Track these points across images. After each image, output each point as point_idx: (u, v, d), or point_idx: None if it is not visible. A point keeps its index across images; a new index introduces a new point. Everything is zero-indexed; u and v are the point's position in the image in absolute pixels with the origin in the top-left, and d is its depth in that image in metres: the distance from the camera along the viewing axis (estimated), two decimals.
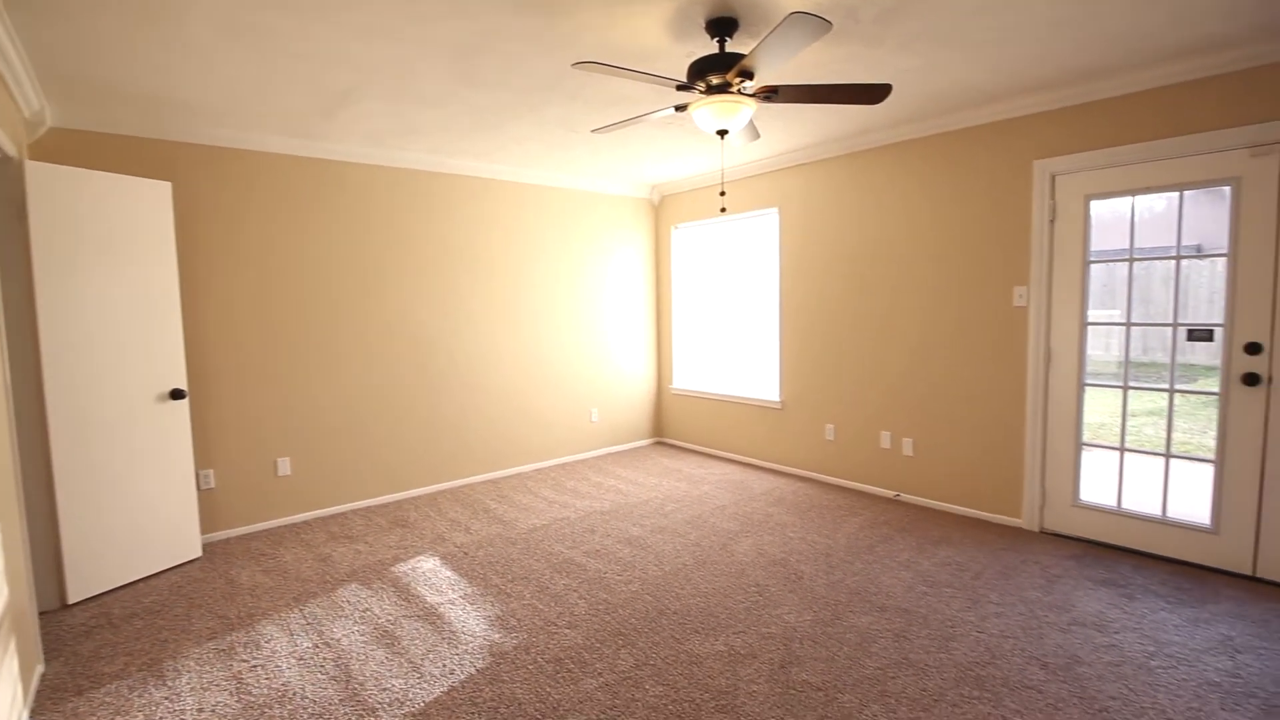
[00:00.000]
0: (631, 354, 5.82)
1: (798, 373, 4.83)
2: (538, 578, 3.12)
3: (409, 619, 2.74)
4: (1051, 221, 3.44)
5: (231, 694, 2.24)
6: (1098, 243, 3.38)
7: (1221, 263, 2.97)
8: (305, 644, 2.56)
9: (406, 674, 2.34)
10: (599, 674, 2.30)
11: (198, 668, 2.41)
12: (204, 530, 3.70)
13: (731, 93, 2.56)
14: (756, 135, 3.20)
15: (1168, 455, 3.20)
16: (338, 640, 2.58)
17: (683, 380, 5.91)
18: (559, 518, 3.98)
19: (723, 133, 2.72)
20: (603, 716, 2.06)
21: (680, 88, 2.52)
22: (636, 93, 3.17)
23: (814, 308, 4.67)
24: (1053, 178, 3.42)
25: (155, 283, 3.22)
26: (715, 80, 2.51)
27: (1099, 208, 3.33)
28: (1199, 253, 3.34)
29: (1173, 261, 3.16)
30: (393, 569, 3.27)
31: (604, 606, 2.81)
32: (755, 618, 2.68)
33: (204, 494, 3.70)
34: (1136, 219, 3.25)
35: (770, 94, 2.59)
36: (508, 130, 3.79)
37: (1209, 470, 3.04)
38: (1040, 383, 3.52)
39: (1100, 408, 3.72)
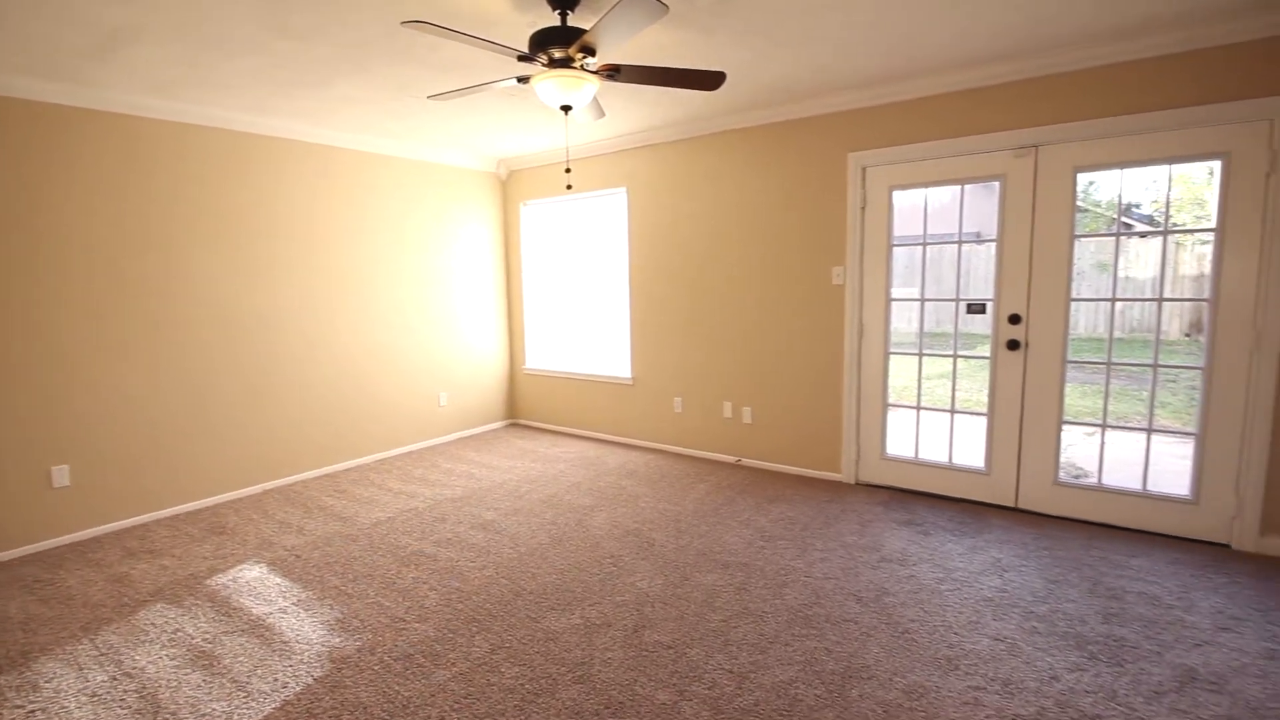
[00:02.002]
0: (482, 334, 5.64)
1: (648, 349, 4.98)
2: (383, 574, 2.95)
3: (231, 635, 2.47)
4: (863, 209, 3.84)
5: None
6: (900, 229, 3.84)
7: (993, 246, 3.51)
8: (100, 678, 2.20)
9: (230, 695, 2.11)
10: (452, 664, 2.24)
11: None
12: None
13: (574, 68, 2.54)
14: (602, 113, 3.21)
15: (953, 411, 3.77)
16: (141, 669, 2.25)
17: (536, 360, 5.84)
18: (406, 509, 3.79)
19: (566, 108, 2.69)
20: (457, 706, 2.02)
21: (521, 58, 2.45)
22: (477, 60, 3.03)
23: (662, 286, 4.83)
24: (863, 169, 3.81)
25: None
26: (557, 54, 2.47)
27: (900, 197, 3.78)
28: (978, 239, 3.92)
29: (956, 246, 3.68)
30: (208, 582, 2.91)
31: (457, 595, 2.74)
32: (610, 588, 2.76)
33: None
34: (929, 208, 3.73)
35: (613, 72, 2.61)
36: (336, 89, 3.44)
37: (984, 422, 3.63)
38: (855, 353, 3.95)
39: (902, 373, 4.27)
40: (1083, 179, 3.29)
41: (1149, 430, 3.30)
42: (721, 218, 4.44)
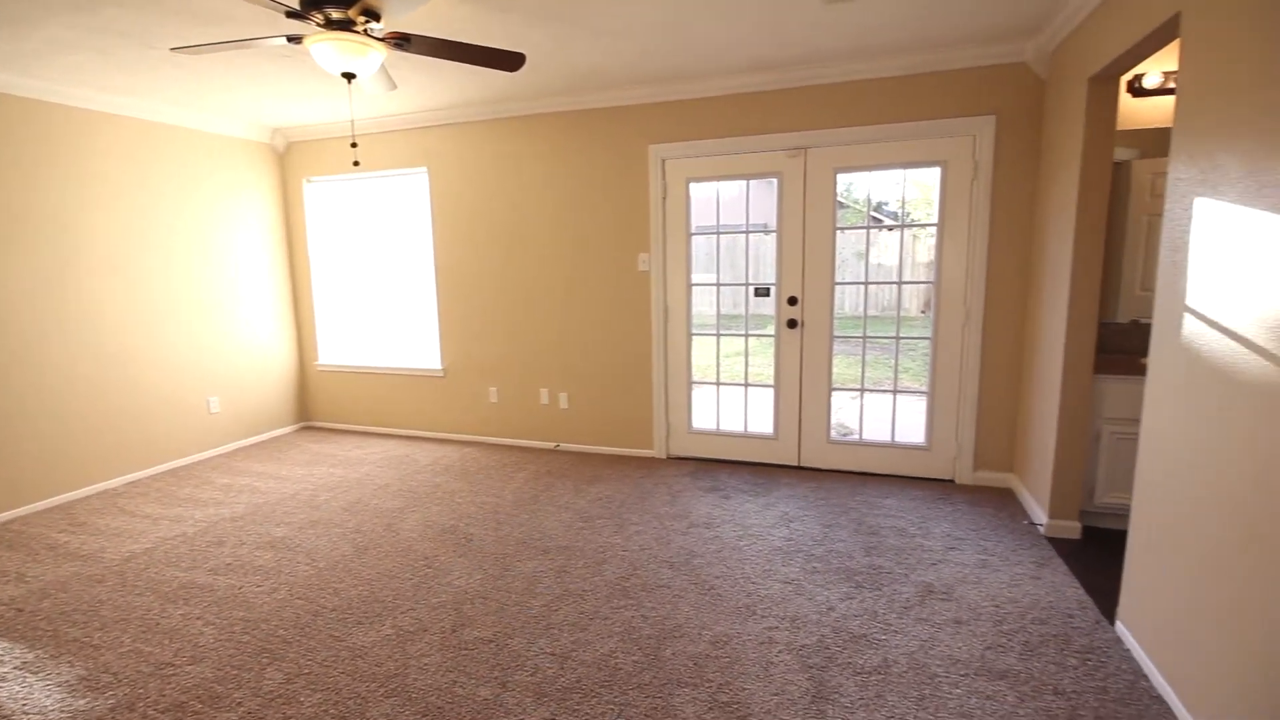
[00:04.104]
0: (261, 328, 4.96)
1: (458, 338, 4.78)
2: (142, 615, 2.50)
3: None
4: (664, 199, 4.05)
5: None
6: (699, 219, 4.12)
7: (775, 236, 3.92)
8: None
9: None
10: (238, 704, 1.97)
11: None
12: None
13: (356, 32, 2.32)
14: (394, 85, 2.98)
15: (746, 385, 4.16)
16: None
17: (331, 355, 5.30)
18: (171, 536, 3.23)
19: (349, 76, 2.45)
20: None
21: (292, 15, 2.17)
22: (237, 11, 2.62)
23: (470, 272, 4.65)
24: (663, 161, 4.01)
25: None
26: (335, 15, 2.24)
27: (696, 189, 4.05)
28: (765, 229, 4.35)
29: (744, 235, 4.05)
30: None
31: (242, 626, 2.41)
32: (425, 591, 2.63)
33: None
34: (722, 200, 4.04)
35: (402, 41, 2.43)
36: (44, 30, 2.75)
37: (771, 393, 4.06)
38: (662, 335, 4.18)
39: (704, 352, 4.61)
40: (842, 179, 3.79)
41: (894, 392, 3.96)
42: (530, 203, 4.39)
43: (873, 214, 4.31)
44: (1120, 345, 3.20)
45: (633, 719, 1.87)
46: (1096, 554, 2.80)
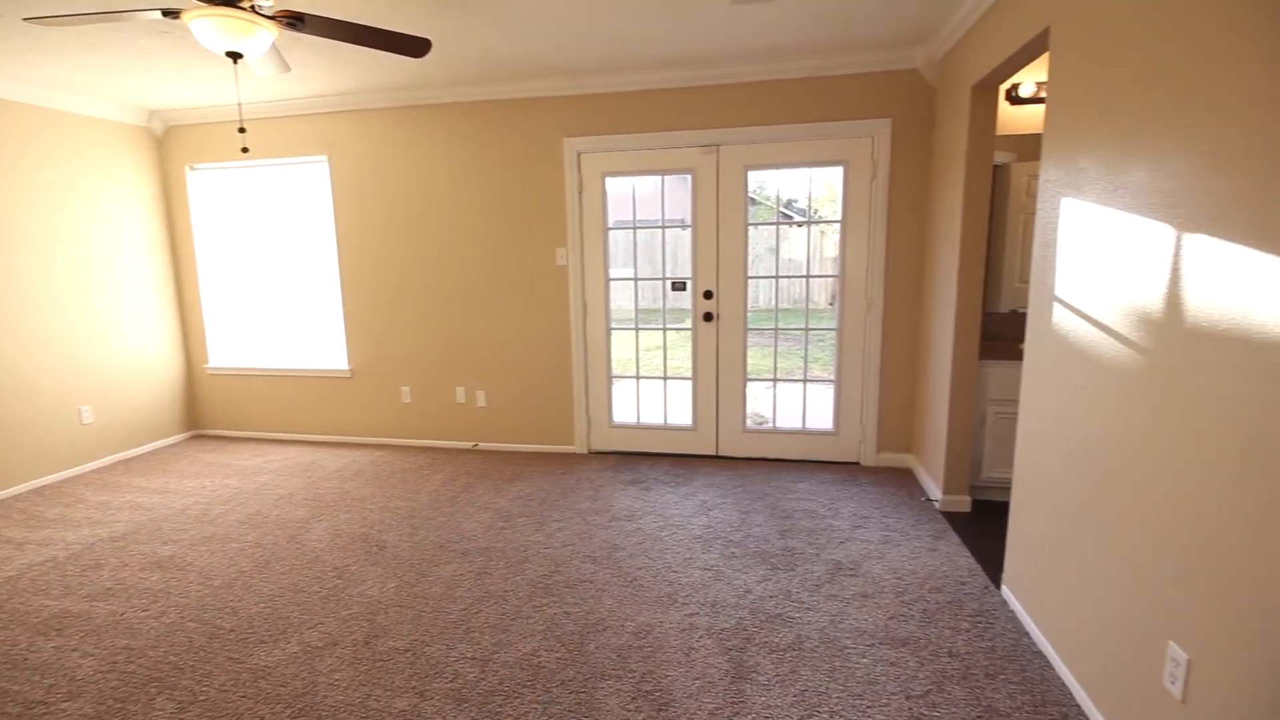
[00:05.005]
0: (139, 330, 4.53)
1: (366, 336, 4.56)
2: (6, 652, 2.23)
3: None
4: (580, 194, 4.02)
5: None
6: (616, 213, 4.12)
7: (690, 231, 3.99)
8: None
9: None
10: None
11: None
12: None
13: (242, 8, 2.16)
14: (287, 68, 2.79)
15: (665, 378, 4.22)
16: None
17: (224, 357, 4.92)
18: (38, 562, 2.90)
19: (235, 56, 2.27)
20: None
21: None
22: None
23: (377, 267, 4.44)
24: (578, 155, 3.99)
25: None
26: None
27: (613, 184, 4.05)
28: (682, 224, 4.41)
29: (660, 231, 4.09)
30: None
31: (126, 655, 2.20)
32: (334, 603, 2.50)
33: None
34: (638, 195, 4.07)
35: (295, 21, 2.28)
36: None
37: (690, 385, 4.14)
38: (581, 330, 4.16)
39: (623, 346, 4.63)
40: (754, 176, 3.91)
41: (804, 380, 4.13)
42: (442, 195, 4.24)
43: (783, 210, 4.49)
44: (1002, 333, 3.48)
45: (556, 716, 1.86)
46: (984, 525, 3.05)
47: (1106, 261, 1.76)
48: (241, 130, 2.81)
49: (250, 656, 2.18)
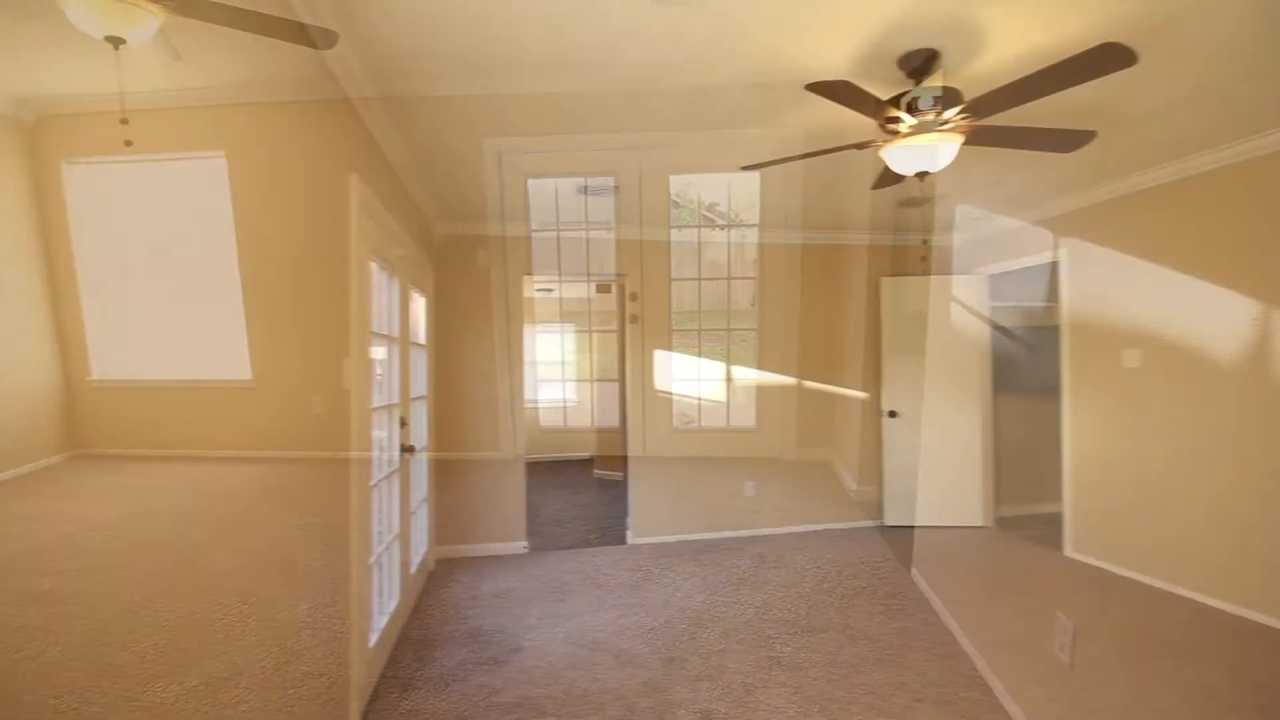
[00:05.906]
0: (4, 335, 4.07)
1: (271, 343, 4.21)
2: None
3: None
4: (501, 194, 3.96)
5: None
6: (540, 215, 4.07)
7: (613, 234, 4.00)
8: None
9: None
10: None
11: None
12: None
13: None
14: (178, 56, 2.58)
15: (593, 381, 4.21)
16: None
17: (110, 367, 4.48)
18: None
19: (116, 41, 2.09)
20: None
21: None
22: None
23: (283, 270, 4.16)
24: (499, 155, 3.92)
25: None
26: None
27: (535, 185, 4.00)
28: (606, 226, 4.41)
29: (584, 233, 4.09)
30: None
31: None
32: (240, 630, 2.33)
33: None
34: (562, 197, 4.04)
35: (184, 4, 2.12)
36: None
37: (616, 388, 4.13)
38: (504, 333, 4.10)
39: (549, 349, 4.58)
40: (675, 180, 3.97)
41: (728, 381, 4.24)
42: (346, 192, 4.05)
43: (705, 213, 4.60)
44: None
45: None
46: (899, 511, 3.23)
47: None
48: (124, 122, 2.58)
49: (144, 694, 2.00)
